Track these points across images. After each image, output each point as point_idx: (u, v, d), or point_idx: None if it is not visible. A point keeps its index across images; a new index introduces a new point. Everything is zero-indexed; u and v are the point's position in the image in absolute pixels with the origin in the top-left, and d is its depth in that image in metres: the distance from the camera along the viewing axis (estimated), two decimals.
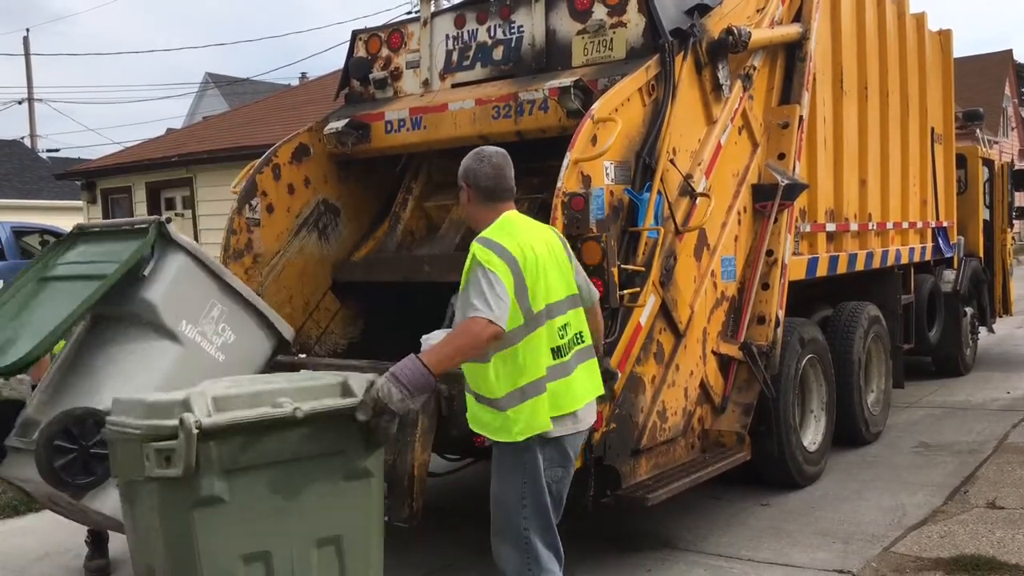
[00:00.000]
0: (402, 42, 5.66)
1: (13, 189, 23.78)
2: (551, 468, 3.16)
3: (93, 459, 3.54)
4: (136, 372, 3.83)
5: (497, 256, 3.06)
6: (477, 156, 3.33)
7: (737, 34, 4.94)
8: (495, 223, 3.23)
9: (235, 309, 4.16)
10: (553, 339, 3.16)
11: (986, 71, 33.67)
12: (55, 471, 3.50)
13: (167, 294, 3.95)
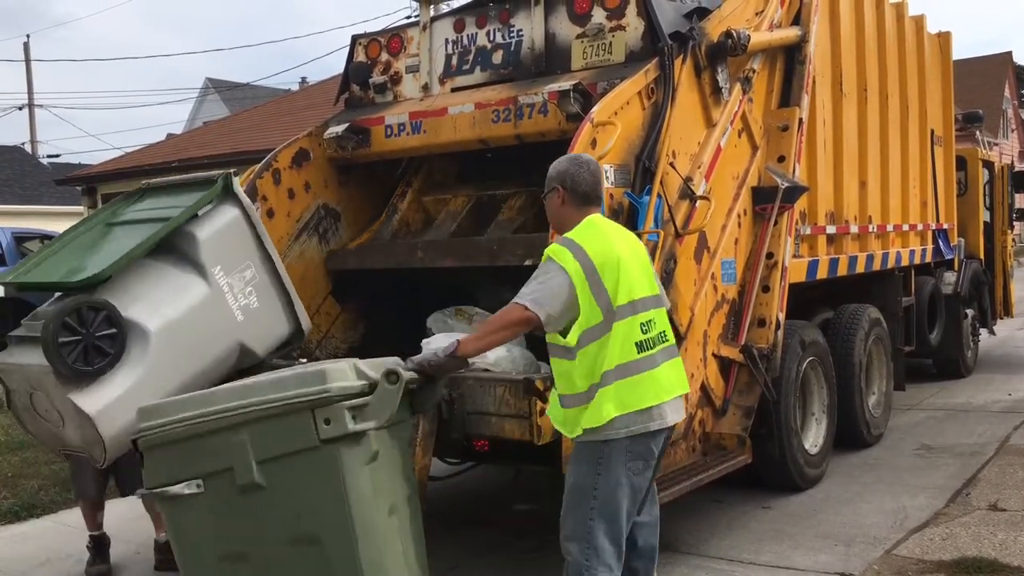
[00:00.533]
0: (402, 47, 5.66)
1: (14, 195, 23.82)
2: (632, 461, 3.21)
3: (98, 347, 3.60)
4: (162, 297, 3.91)
5: (572, 255, 3.17)
6: (576, 161, 3.44)
7: (736, 37, 4.95)
8: (580, 225, 3.32)
9: (266, 280, 4.25)
10: (636, 334, 3.21)
11: (986, 73, 33.71)
12: (63, 358, 3.53)
13: (212, 236, 4.09)
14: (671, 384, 3.29)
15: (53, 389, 3.64)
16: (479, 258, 4.78)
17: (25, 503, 6.16)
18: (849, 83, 6.64)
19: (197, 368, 3.94)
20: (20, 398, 3.87)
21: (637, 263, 3.32)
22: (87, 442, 3.65)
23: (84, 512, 4.95)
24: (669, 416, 3.28)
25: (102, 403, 3.56)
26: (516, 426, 3.88)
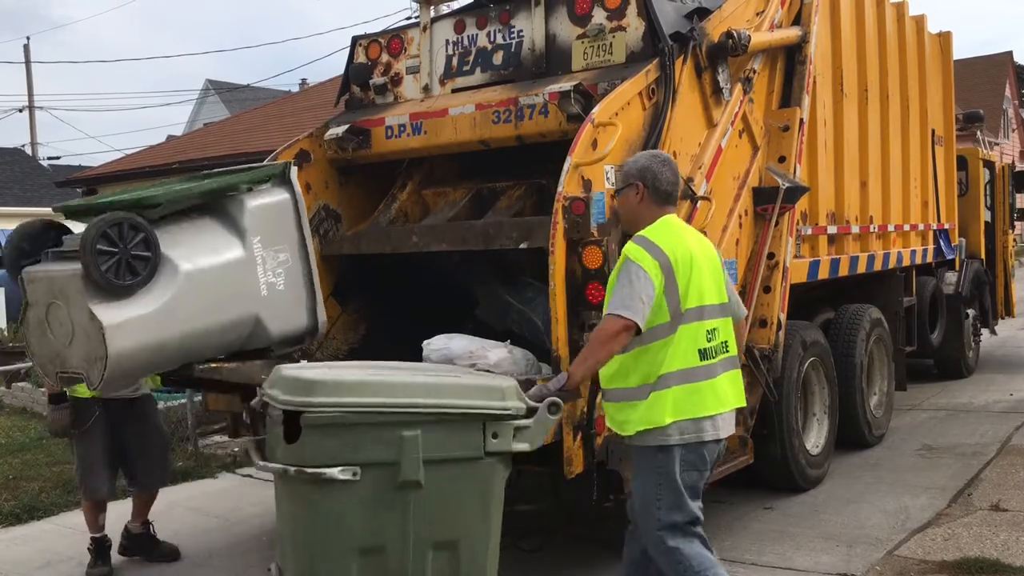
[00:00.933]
0: (402, 48, 5.66)
1: (14, 197, 23.78)
2: (687, 471, 3.21)
3: (131, 265, 3.73)
4: (200, 247, 4.07)
5: (650, 255, 3.16)
6: (658, 158, 3.39)
7: (737, 37, 4.94)
8: (655, 224, 3.29)
9: (297, 269, 4.39)
10: (700, 340, 3.20)
11: (986, 73, 33.69)
12: (97, 265, 3.63)
13: (260, 208, 4.28)
14: (728, 396, 3.27)
15: (75, 296, 3.69)
16: (474, 242, 4.73)
17: (26, 505, 6.15)
18: (850, 83, 6.64)
19: (210, 322, 4.03)
20: (36, 311, 3.92)
21: (709, 269, 3.30)
22: (89, 360, 3.71)
23: (88, 513, 4.96)
24: (723, 429, 3.25)
25: (117, 319, 3.64)
26: None
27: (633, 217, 3.42)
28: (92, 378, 3.75)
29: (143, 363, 3.88)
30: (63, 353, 3.87)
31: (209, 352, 4.16)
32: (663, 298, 3.15)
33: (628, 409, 3.23)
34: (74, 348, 3.80)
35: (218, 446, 7.56)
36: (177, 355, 4.04)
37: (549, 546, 4.74)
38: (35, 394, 9.40)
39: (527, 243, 4.47)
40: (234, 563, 5.05)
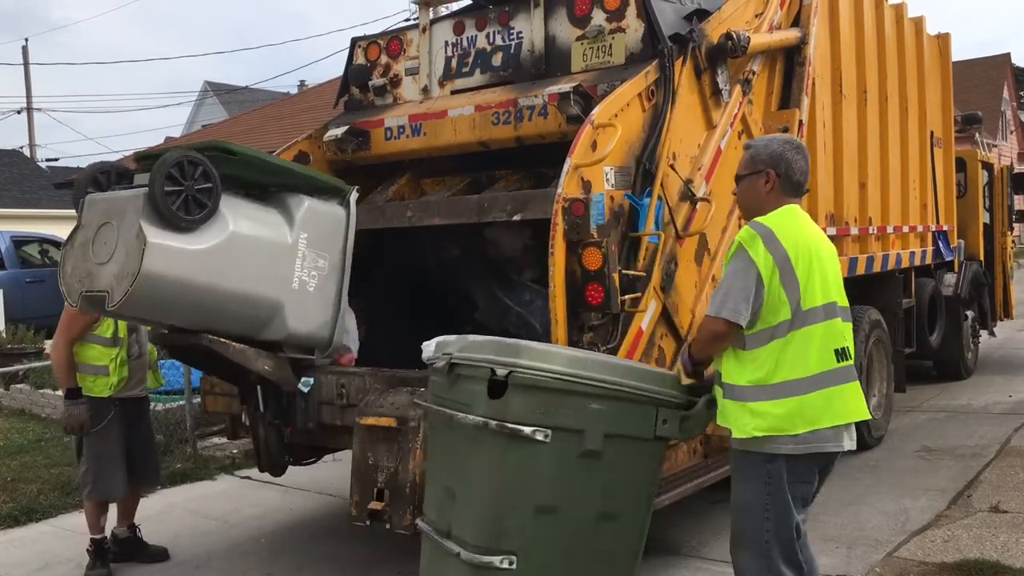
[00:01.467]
0: (401, 49, 5.66)
1: (12, 198, 23.75)
2: (796, 484, 2.96)
3: (197, 199, 3.91)
4: (252, 219, 4.21)
5: (763, 242, 2.93)
6: (792, 144, 3.15)
7: (736, 39, 4.94)
8: (778, 211, 3.04)
9: (330, 282, 4.48)
10: (836, 340, 2.95)
11: (984, 75, 33.73)
12: (172, 212, 3.82)
13: (316, 211, 4.43)
14: (857, 406, 3.02)
15: (131, 215, 3.84)
16: (468, 214, 4.69)
17: (24, 507, 6.13)
18: (849, 85, 6.64)
19: (238, 288, 4.10)
20: (85, 233, 4.03)
21: (832, 268, 3.06)
22: (119, 277, 3.79)
23: (91, 514, 4.94)
24: (846, 441, 3.00)
25: (161, 241, 3.80)
26: None
27: (757, 206, 3.13)
28: (115, 295, 3.80)
29: (166, 297, 3.91)
30: (94, 272, 3.94)
31: (226, 320, 4.18)
32: (781, 293, 2.90)
33: (738, 409, 2.98)
34: (108, 267, 3.88)
35: (217, 448, 7.55)
36: (197, 306, 4.06)
37: None
38: (33, 396, 9.38)
39: (521, 215, 4.45)
40: (232, 565, 5.04)
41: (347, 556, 5.04)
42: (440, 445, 3.31)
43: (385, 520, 3.95)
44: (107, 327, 4.80)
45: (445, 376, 3.18)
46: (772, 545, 2.97)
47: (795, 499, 2.98)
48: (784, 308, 2.92)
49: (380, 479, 3.99)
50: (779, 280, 2.91)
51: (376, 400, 4.19)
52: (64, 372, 4.78)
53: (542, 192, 4.52)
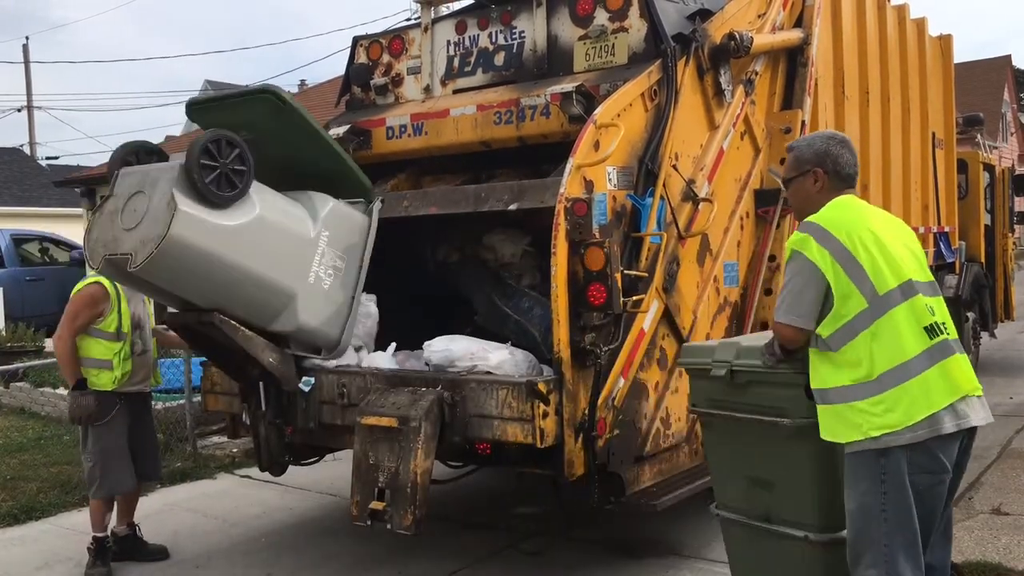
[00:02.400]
0: (403, 48, 5.65)
1: (12, 197, 23.75)
2: (917, 475, 2.76)
3: (230, 179, 4.00)
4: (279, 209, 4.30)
5: (816, 241, 2.84)
6: (836, 139, 3.07)
7: (739, 39, 4.93)
8: (826, 206, 2.96)
9: (346, 285, 4.50)
10: (922, 317, 2.80)
11: (985, 76, 33.72)
12: (203, 179, 3.90)
13: (340, 212, 4.50)
14: (967, 381, 2.82)
15: (164, 185, 3.92)
16: (465, 204, 4.66)
17: (24, 506, 6.12)
18: (851, 86, 6.63)
19: (256, 269, 4.14)
20: (115, 202, 4.09)
21: (902, 242, 2.92)
22: (144, 240, 3.86)
23: (97, 511, 4.93)
24: (972, 416, 2.80)
25: (191, 210, 3.89)
26: (518, 429, 3.86)
27: (810, 205, 3.04)
28: (138, 257, 3.86)
29: (187, 265, 3.97)
30: (120, 237, 3.99)
31: (240, 303, 4.20)
32: (850, 284, 2.78)
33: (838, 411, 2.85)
34: (135, 232, 3.94)
35: (217, 447, 7.54)
36: (214, 282, 4.10)
37: (550, 549, 4.72)
38: (33, 394, 9.37)
39: (518, 204, 4.43)
40: (233, 565, 5.03)
41: (347, 556, 5.03)
42: (736, 441, 3.47)
43: (386, 520, 3.94)
44: (111, 322, 4.81)
45: (727, 383, 3.40)
46: (893, 549, 2.76)
47: (922, 492, 2.79)
48: (857, 299, 2.80)
49: (381, 479, 3.98)
50: (844, 272, 2.80)
51: (377, 400, 4.18)
52: (69, 364, 4.80)
53: (539, 182, 4.50)
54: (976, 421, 2.82)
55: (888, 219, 3.06)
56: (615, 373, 4.12)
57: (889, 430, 2.74)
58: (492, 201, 4.54)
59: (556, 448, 3.89)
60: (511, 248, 5.13)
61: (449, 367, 4.26)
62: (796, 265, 2.90)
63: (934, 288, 2.95)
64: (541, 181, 4.50)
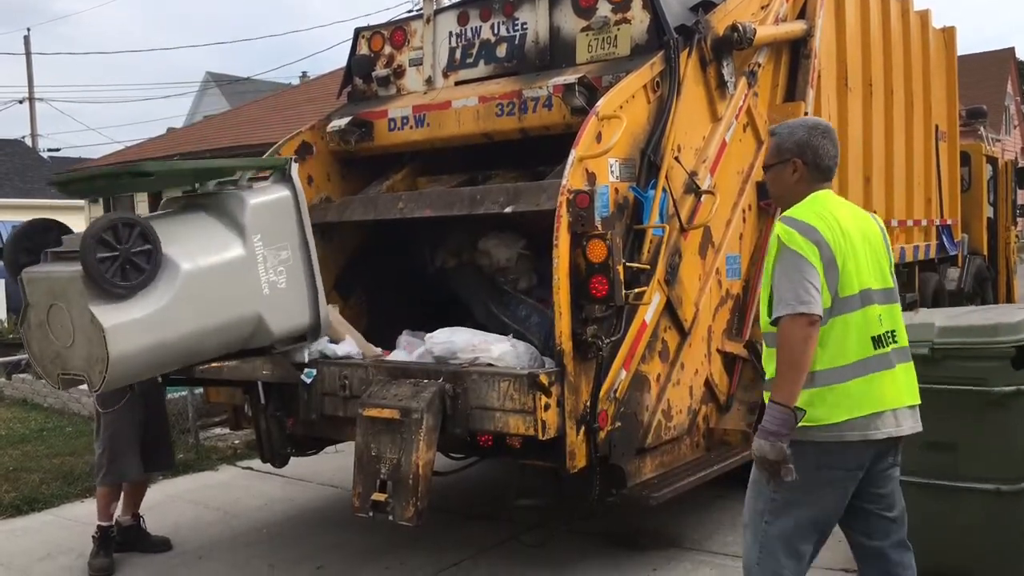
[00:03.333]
0: (405, 40, 5.64)
1: (14, 188, 23.78)
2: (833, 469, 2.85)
3: (134, 263, 3.72)
4: (200, 246, 4.05)
5: (800, 235, 2.83)
6: (818, 130, 3.02)
7: (742, 31, 4.92)
8: (805, 201, 2.95)
9: (299, 267, 4.35)
10: (872, 327, 2.87)
11: (988, 69, 33.61)
12: (102, 274, 3.63)
13: (260, 206, 4.24)
14: (908, 390, 2.94)
15: (76, 298, 3.69)
16: (460, 206, 4.65)
17: (26, 497, 6.14)
18: (854, 78, 6.61)
19: (211, 323, 4.01)
20: (37, 313, 3.91)
21: (868, 247, 2.95)
22: (90, 361, 3.71)
23: (103, 499, 4.95)
24: (903, 426, 2.90)
25: (118, 320, 3.65)
26: (520, 421, 3.86)
27: (787, 196, 3.06)
28: (93, 380, 3.75)
29: (144, 365, 3.88)
30: (63, 354, 3.85)
31: (210, 352, 4.16)
32: (825, 285, 2.82)
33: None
34: (75, 349, 3.79)
35: (219, 438, 7.55)
36: (178, 356, 4.05)
37: (551, 541, 4.73)
38: (36, 385, 9.39)
39: (513, 207, 4.42)
40: (235, 556, 5.04)
41: (349, 547, 5.04)
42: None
43: (388, 511, 3.94)
44: None
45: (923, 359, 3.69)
46: (770, 529, 2.90)
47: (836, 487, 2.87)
48: (825, 295, 2.82)
49: (383, 470, 3.98)
50: (824, 273, 2.83)
51: (379, 391, 4.18)
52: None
53: (535, 184, 4.49)
54: (903, 431, 2.92)
55: (859, 219, 3.05)
56: (617, 365, 4.12)
57: (813, 424, 2.81)
58: (487, 204, 4.53)
59: (558, 440, 3.89)
60: (506, 252, 5.09)
61: (451, 359, 4.26)
62: (790, 258, 2.83)
63: (888, 295, 2.99)
64: (537, 183, 4.50)
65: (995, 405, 3.81)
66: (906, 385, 2.95)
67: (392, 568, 4.73)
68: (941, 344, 3.91)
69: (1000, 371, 3.79)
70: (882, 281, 2.98)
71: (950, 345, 3.90)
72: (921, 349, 3.81)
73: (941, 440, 3.88)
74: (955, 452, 3.93)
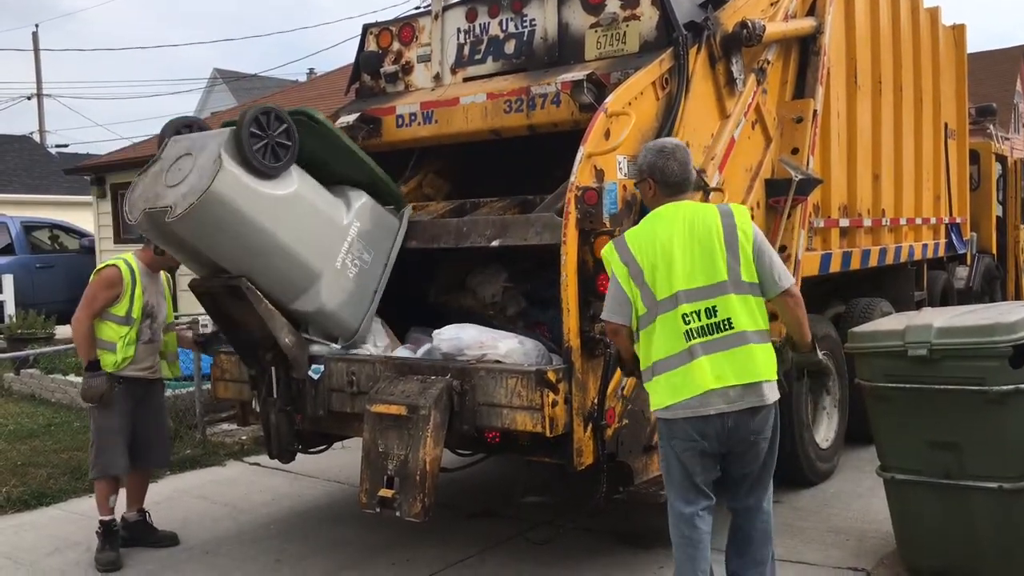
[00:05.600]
0: (413, 36, 5.63)
1: (23, 184, 23.84)
2: (672, 440, 3.42)
3: (276, 151, 4.22)
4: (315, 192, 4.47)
5: (617, 253, 3.43)
6: (663, 153, 3.49)
7: (752, 27, 4.90)
8: (649, 214, 3.50)
9: (372, 276, 4.62)
10: (679, 325, 3.31)
11: (997, 67, 33.43)
12: (253, 152, 4.11)
13: (373, 208, 4.70)
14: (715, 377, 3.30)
15: (213, 147, 4.10)
16: (446, 239, 4.68)
17: (34, 492, 6.16)
18: (864, 75, 6.59)
19: (286, 243, 4.26)
20: (162, 164, 4.24)
21: (694, 249, 3.34)
22: (187, 194, 4.00)
23: (100, 493, 4.98)
24: (711, 404, 3.30)
25: (235, 171, 4.07)
26: (528, 418, 3.86)
27: (651, 207, 3.58)
28: (177, 208, 3.98)
29: (223, 224, 4.10)
30: (162, 193, 4.11)
31: (266, 274, 4.29)
32: (635, 289, 3.38)
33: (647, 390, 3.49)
34: (178, 188, 4.05)
35: (226, 434, 7.57)
36: (245, 246, 4.19)
37: (558, 538, 4.73)
38: (43, 380, 9.42)
39: (500, 241, 4.42)
40: (243, 551, 5.05)
41: (356, 543, 5.05)
42: (919, 410, 4.03)
43: (395, 507, 3.94)
44: (122, 306, 4.88)
45: (917, 360, 3.96)
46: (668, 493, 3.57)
47: (683, 458, 3.42)
48: (640, 303, 3.38)
49: (390, 467, 3.99)
50: (633, 283, 3.38)
51: (386, 388, 4.18)
52: (86, 345, 4.86)
53: (523, 218, 4.48)
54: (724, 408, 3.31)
55: (692, 220, 3.40)
56: None
57: (656, 407, 3.43)
58: (474, 237, 4.54)
59: (565, 437, 3.89)
60: (491, 289, 5.04)
61: (459, 355, 4.26)
62: (611, 273, 3.47)
63: (720, 288, 3.32)
64: (525, 217, 4.49)
65: (994, 404, 3.84)
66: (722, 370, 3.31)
67: (399, 564, 4.74)
68: (939, 345, 3.95)
69: (998, 370, 3.82)
70: (707, 277, 3.33)
71: (948, 346, 3.93)
72: (919, 350, 3.96)
73: (943, 440, 3.98)
74: (956, 451, 3.97)
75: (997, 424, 3.88)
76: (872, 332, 4.29)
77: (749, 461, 3.47)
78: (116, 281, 4.88)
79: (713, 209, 3.47)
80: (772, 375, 3.39)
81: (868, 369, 4.23)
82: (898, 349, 4.04)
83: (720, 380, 3.30)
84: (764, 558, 3.63)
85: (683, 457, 3.42)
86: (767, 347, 3.39)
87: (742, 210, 3.50)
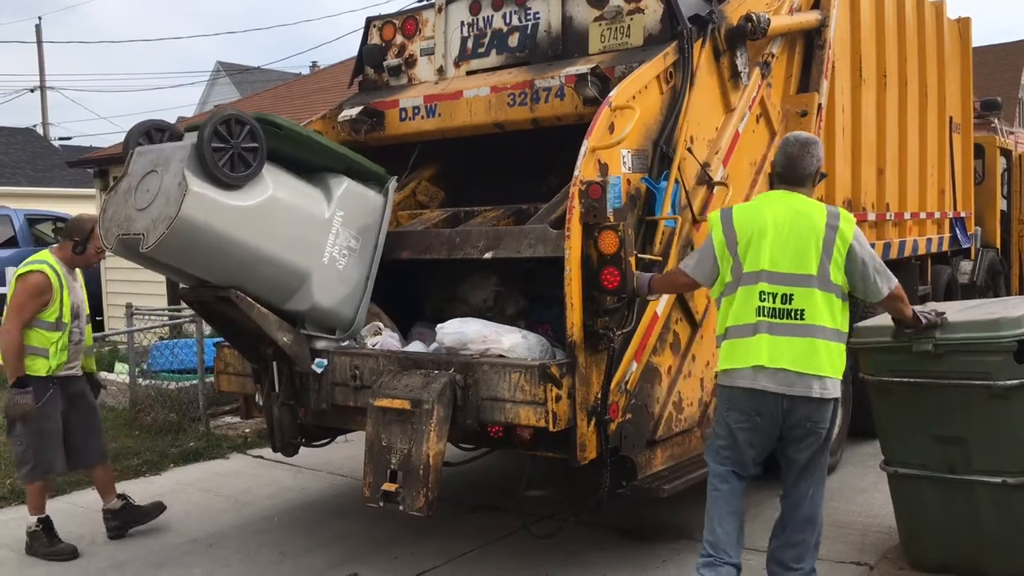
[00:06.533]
0: (416, 29, 5.62)
1: (26, 177, 23.83)
2: (728, 411, 3.60)
3: (243, 157, 4.04)
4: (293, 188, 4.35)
5: (720, 223, 3.64)
6: (786, 143, 3.73)
7: (756, 21, 4.88)
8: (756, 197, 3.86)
9: (362, 263, 4.56)
10: (754, 300, 3.50)
11: (1002, 61, 33.32)
12: (217, 166, 3.93)
13: (355, 192, 4.57)
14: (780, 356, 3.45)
15: (176, 164, 3.94)
16: (439, 250, 4.64)
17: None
18: (868, 69, 6.56)
19: (270, 250, 4.17)
20: (130, 180, 4.11)
21: (790, 235, 3.51)
22: (156, 220, 3.88)
23: (36, 494, 4.97)
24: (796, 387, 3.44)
25: (202, 191, 3.91)
26: (531, 412, 3.86)
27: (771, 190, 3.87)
28: (149, 238, 3.88)
29: (199, 245, 3.97)
30: (133, 216, 4.00)
31: (254, 282, 4.21)
32: (728, 257, 3.59)
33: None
34: (147, 212, 3.94)
35: (229, 427, 7.58)
36: (229, 261, 4.10)
37: (561, 532, 4.73)
38: None
39: (492, 252, 4.40)
40: (246, 544, 5.06)
41: (359, 536, 5.05)
42: (923, 404, 4.06)
43: (398, 501, 3.94)
44: (52, 312, 4.84)
45: (922, 354, 3.98)
46: (707, 451, 3.75)
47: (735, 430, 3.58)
48: (727, 272, 3.60)
49: (394, 461, 3.99)
50: (726, 247, 3.60)
51: (390, 382, 4.18)
52: (15, 359, 4.77)
53: (516, 229, 4.46)
54: (780, 388, 3.46)
55: (795, 211, 3.57)
56: (628, 357, 4.11)
57: (717, 370, 3.66)
58: (467, 248, 4.52)
59: (568, 432, 3.89)
60: (481, 295, 5.01)
61: (462, 350, 4.26)
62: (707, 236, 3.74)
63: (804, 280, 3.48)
64: (519, 228, 4.47)
65: (999, 399, 3.86)
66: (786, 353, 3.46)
67: (402, 558, 4.74)
68: (944, 340, 3.95)
69: (1003, 365, 3.84)
70: (797, 266, 3.50)
71: (953, 341, 3.94)
72: (924, 345, 3.98)
73: (948, 434, 4.01)
74: (962, 446, 3.99)
75: (1002, 418, 3.89)
76: (877, 327, 4.29)
77: (804, 448, 3.58)
78: (45, 288, 4.80)
79: (822, 209, 3.60)
80: (833, 373, 3.48)
81: (872, 363, 4.25)
82: (903, 344, 4.05)
83: (773, 361, 3.46)
84: (797, 541, 3.72)
85: (735, 429, 3.58)
86: (836, 347, 3.49)
87: (849, 218, 3.59)
